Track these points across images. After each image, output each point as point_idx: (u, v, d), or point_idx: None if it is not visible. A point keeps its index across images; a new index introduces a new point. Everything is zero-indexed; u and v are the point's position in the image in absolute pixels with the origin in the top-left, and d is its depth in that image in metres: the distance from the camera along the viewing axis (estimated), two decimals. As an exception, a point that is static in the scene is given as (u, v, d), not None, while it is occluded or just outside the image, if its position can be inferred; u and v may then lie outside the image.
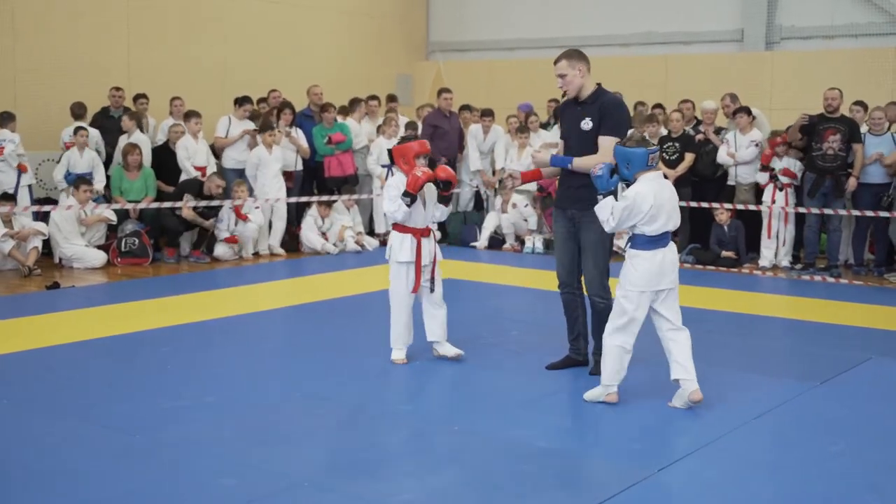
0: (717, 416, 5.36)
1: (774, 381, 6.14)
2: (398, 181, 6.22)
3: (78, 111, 11.30)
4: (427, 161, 6.30)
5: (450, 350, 6.46)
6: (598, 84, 6.05)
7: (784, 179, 10.54)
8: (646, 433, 5.11)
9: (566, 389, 5.82)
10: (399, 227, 6.32)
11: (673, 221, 5.47)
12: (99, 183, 10.79)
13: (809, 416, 5.48)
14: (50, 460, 4.54)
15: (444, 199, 6.39)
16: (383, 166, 12.09)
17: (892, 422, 5.39)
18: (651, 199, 5.31)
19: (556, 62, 6.01)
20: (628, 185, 5.42)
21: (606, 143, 5.87)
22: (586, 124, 5.97)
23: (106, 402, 5.45)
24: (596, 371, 5.88)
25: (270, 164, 11.41)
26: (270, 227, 11.59)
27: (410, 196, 6.11)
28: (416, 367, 6.38)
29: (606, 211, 5.37)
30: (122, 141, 11.25)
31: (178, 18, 13.63)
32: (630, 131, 6.07)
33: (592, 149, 5.94)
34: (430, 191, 6.36)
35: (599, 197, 5.44)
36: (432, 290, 6.39)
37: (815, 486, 4.43)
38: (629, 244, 5.51)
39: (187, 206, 10.56)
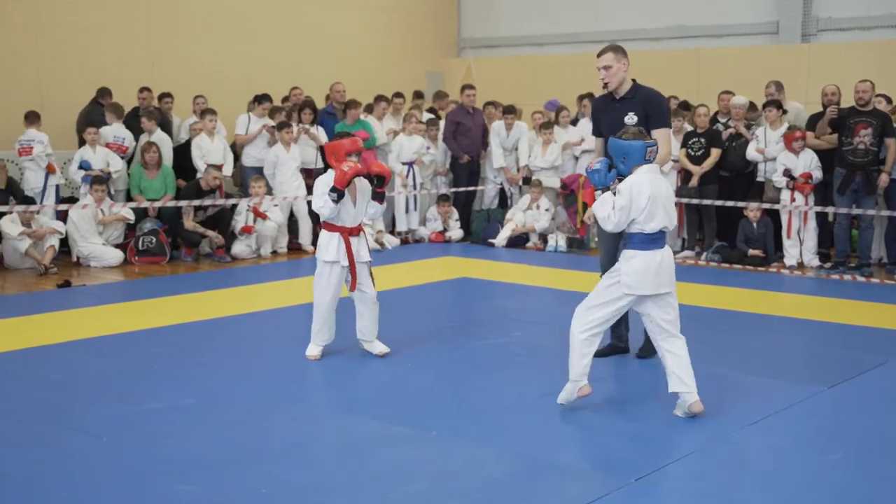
0: (710, 421, 5.10)
1: (780, 384, 5.87)
2: (328, 178, 6.07)
3: (116, 112, 11.30)
4: (359, 159, 6.13)
5: (376, 347, 6.42)
6: (634, 80, 6.20)
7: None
8: (632, 440, 4.88)
9: (555, 393, 5.59)
10: (328, 225, 6.22)
11: (669, 219, 5.17)
12: (115, 172, 10.78)
13: (810, 422, 5.21)
14: (7, 462, 4.45)
15: (378, 196, 6.23)
16: (404, 163, 11.97)
17: (898, 429, 5.11)
18: (648, 191, 5.04)
19: (601, 54, 6.11)
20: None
21: (663, 135, 6.07)
22: (630, 119, 6.00)
23: (83, 403, 5.37)
24: (642, 353, 6.30)
25: (288, 162, 11.33)
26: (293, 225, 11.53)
27: (338, 192, 5.94)
28: (405, 368, 6.20)
29: (607, 207, 5.08)
30: (143, 140, 11.26)
31: (203, 16, 13.64)
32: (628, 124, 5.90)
33: None
34: (362, 188, 6.21)
35: (597, 193, 5.19)
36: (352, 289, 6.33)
37: (803, 496, 4.19)
38: (625, 245, 5.25)
39: (189, 218, 10.54)
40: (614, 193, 5.09)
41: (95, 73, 12.11)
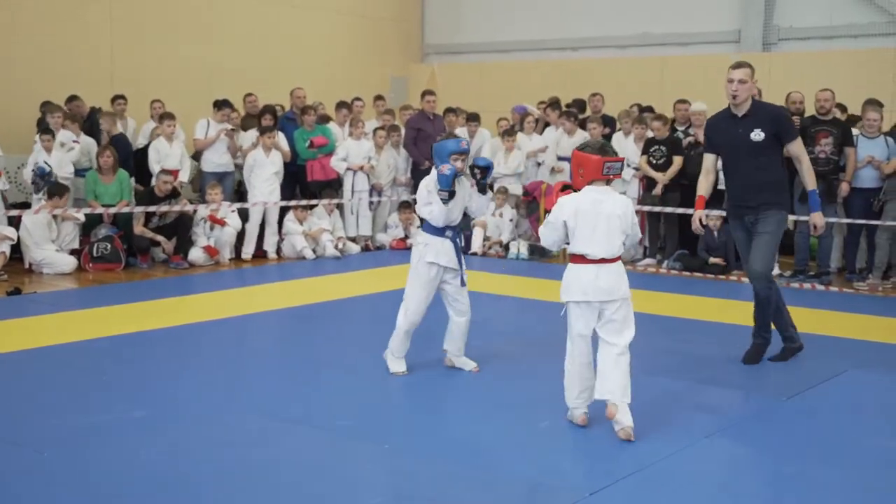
0: (665, 434, 5.02)
1: (738, 395, 5.85)
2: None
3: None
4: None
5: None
6: (752, 96, 6.43)
7: None
8: (586, 454, 4.81)
9: (511, 402, 5.51)
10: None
11: None
12: (64, 179, 10.50)
13: (767, 435, 5.15)
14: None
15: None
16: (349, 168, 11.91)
17: (856, 439, 5.06)
18: None
19: (737, 67, 6.32)
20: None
21: (799, 148, 6.58)
22: (757, 135, 6.35)
23: (25, 415, 5.21)
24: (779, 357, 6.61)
25: (266, 166, 11.19)
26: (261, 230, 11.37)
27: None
28: (360, 379, 6.08)
29: None
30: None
31: (163, 18, 13.47)
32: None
33: (762, 158, 6.38)
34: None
35: None
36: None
37: (758, 511, 4.13)
38: None
39: (139, 224, 10.36)
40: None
41: (55, 76, 11.92)
